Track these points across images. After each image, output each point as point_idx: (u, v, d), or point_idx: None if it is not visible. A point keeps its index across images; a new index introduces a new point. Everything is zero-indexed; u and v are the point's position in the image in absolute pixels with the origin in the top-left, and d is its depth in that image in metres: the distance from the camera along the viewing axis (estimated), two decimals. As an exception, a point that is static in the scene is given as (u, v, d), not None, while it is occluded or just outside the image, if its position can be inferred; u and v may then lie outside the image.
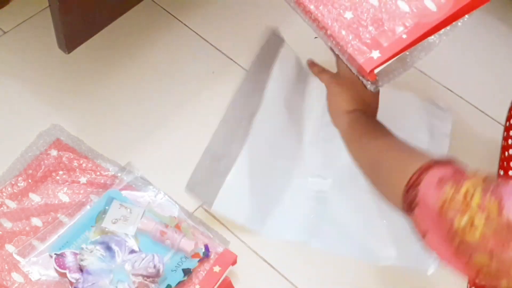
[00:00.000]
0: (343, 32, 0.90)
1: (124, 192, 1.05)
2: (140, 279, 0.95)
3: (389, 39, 0.89)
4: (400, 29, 0.89)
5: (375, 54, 0.88)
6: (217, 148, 1.10)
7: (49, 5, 1.06)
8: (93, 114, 1.19)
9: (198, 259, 1.00)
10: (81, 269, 0.94)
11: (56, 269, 0.96)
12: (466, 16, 0.93)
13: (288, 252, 1.07)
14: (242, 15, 1.35)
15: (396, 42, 0.89)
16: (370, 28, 0.89)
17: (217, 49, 1.30)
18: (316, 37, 1.33)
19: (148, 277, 0.95)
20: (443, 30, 0.93)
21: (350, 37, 0.89)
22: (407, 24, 0.89)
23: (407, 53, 0.94)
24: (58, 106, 1.18)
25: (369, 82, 0.89)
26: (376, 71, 0.88)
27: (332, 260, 1.07)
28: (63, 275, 0.95)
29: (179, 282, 0.98)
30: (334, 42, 0.91)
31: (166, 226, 1.01)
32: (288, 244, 1.08)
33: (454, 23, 0.93)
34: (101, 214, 1.01)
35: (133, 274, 0.95)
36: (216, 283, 0.98)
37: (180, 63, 1.27)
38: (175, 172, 1.12)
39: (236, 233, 1.07)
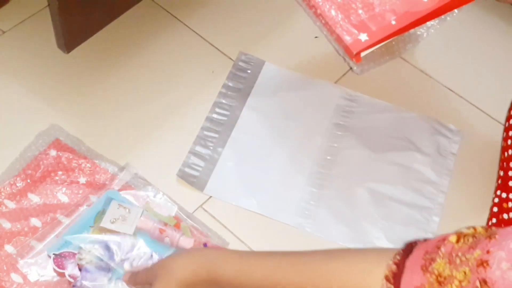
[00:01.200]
0: (333, 12, 0.91)
1: (123, 192, 1.05)
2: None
3: (378, 24, 0.90)
4: (389, 15, 0.90)
5: (363, 37, 0.89)
6: (207, 133, 1.16)
7: (48, 5, 1.06)
8: (92, 114, 1.18)
9: None
10: (79, 269, 0.94)
11: (54, 269, 0.95)
12: (456, 10, 0.94)
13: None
14: (243, 15, 1.35)
15: (385, 27, 0.90)
16: (360, 11, 0.90)
17: (217, 49, 1.29)
18: (316, 37, 1.34)
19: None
20: (430, 23, 0.94)
21: (340, 18, 0.90)
22: (397, 11, 0.90)
23: (394, 42, 0.96)
24: (57, 106, 1.18)
25: (354, 65, 0.91)
26: (362, 54, 0.89)
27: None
28: (61, 275, 0.95)
29: None
30: (323, 21, 0.92)
31: (165, 224, 1.00)
32: (288, 244, 1.07)
33: (442, 16, 0.93)
34: (100, 214, 1.00)
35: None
36: (215, 284, 0.98)
37: (180, 63, 1.27)
38: (174, 172, 1.11)
39: (236, 233, 1.07)
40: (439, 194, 1.13)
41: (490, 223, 1.01)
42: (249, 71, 1.25)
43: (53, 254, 0.96)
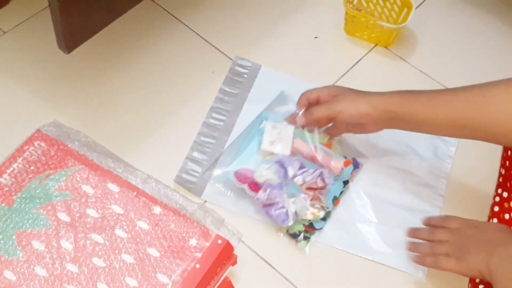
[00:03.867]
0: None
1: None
2: (312, 192, 1.06)
3: None
4: None
5: None
6: (203, 139, 1.16)
7: (49, 5, 1.06)
8: (93, 114, 1.19)
9: (351, 170, 1.13)
10: (259, 185, 1.06)
11: (235, 184, 1.08)
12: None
13: (288, 252, 1.07)
14: (242, 14, 1.35)
15: None
16: None
17: (217, 49, 1.30)
18: (316, 37, 1.34)
19: (316, 189, 1.07)
20: None
21: None
22: None
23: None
24: (58, 106, 1.18)
25: None
26: None
27: (332, 261, 1.07)
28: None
29: (341, 193, 1.11)
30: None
31: (316, 147, 1.10)
32: (288, 244, 1.08)
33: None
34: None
35: (306, 188, 1.06)
36: (216, 283, 0.98)
37: (180, 63, 1.27)
38: (171, 177, 1.11)
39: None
40: (437, 197, 1.14)
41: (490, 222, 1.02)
42: (245, 76, 1.25)
43: (233, 171, 1.09)
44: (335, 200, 1.10)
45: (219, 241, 0.98)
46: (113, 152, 1.11)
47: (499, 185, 1.03)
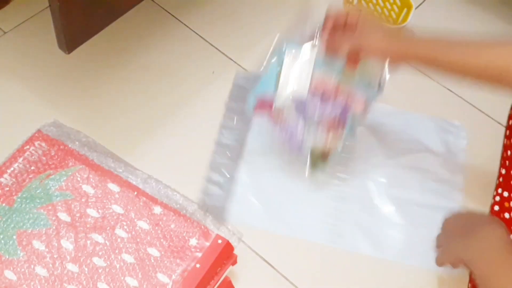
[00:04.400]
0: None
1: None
2: (328, 128, 1.05)
3: None
4: None
5: None
6: (219, 160, 1.14)
7: (49, 6, 1.06)
8: (93, 114, 1.19)
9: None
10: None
11: (256, 109, 1.09)
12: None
13: (289, 252, 1.07)
14: (242, 15, 1.36)
15: None
16: None
17: (217, 49, 1.30)
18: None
19: (333, 126, 1.06)
20: None
21: None
22: None
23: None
24: (58, 106, 1.19)
25: None
26: None
27: (333, 260, 1.07)
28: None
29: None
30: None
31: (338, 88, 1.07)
32: (288, 244, 1.08)
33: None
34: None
35: (323, 125, 1.05)
36: (216, 283, 0.98)
37: (180, 63, 1.27)
38: (174, 169, 1.12)
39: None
40: (456, 191, 1.13)
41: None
42: (248, 88, 1.23)
43: (254, 96, 1.08)
44: (352, 131, 1.09)
45: (219, 241, 0.98)
46: (114, 152, 1.11)
47: (499, 185, 1.03)
